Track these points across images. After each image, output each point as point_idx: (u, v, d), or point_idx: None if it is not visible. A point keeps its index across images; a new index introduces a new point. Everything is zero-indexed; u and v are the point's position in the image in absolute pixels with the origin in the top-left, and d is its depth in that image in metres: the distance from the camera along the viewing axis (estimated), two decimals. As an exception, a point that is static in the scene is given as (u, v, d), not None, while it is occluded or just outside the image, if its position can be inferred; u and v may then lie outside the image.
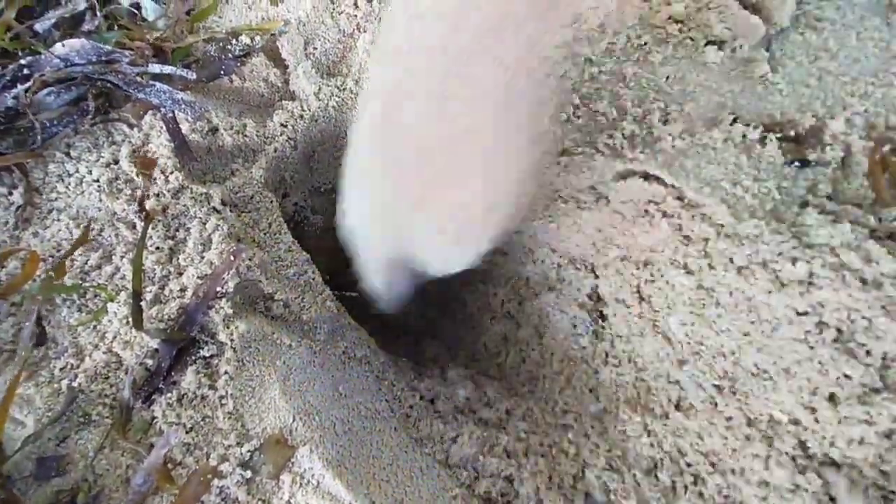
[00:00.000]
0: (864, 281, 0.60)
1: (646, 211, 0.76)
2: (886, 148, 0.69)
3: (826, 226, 0.64)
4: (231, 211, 0.81)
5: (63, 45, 0.82)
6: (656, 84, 0.80)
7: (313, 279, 0.83)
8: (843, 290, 0.60)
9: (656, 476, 0.68)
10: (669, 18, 0.82)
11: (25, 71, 0.81)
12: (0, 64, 0.83)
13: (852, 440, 0.59)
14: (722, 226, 0.70)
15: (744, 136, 0.75)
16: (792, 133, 0.75)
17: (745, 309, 0.67)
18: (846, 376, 0.60)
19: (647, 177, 0.75)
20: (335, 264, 0.91)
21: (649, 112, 0.78)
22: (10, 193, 0.78)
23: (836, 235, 0.63)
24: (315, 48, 0.94)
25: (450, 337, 1.08)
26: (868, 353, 0.59)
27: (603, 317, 0.81)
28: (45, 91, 0.80)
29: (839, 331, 0.61)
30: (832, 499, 0.60)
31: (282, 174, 0.94)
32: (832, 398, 0.60)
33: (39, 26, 0.91)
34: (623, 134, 0.77)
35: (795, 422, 0.62)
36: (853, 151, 0.72)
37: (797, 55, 0.81)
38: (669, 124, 0.77)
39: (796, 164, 0.72)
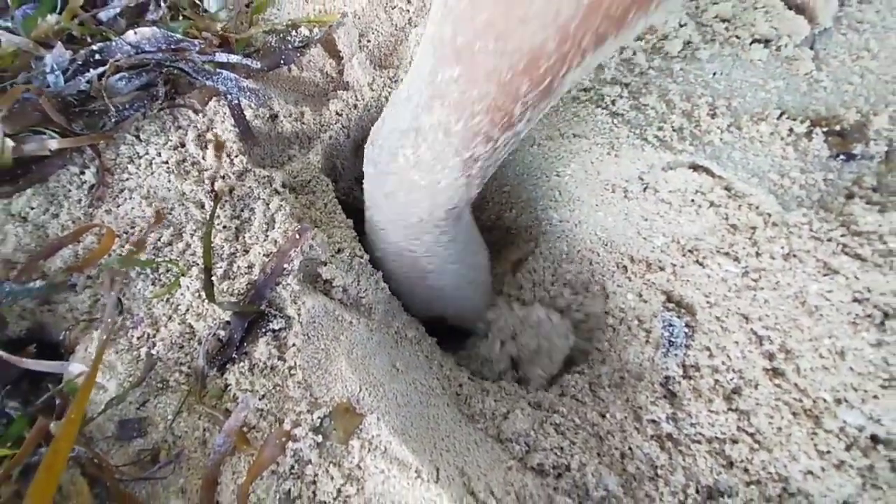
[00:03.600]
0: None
1: (692, 200, 0.79)
2: (930, 143, 0.72)
3: (873, 214, 0.67)
4: (291, 192, 0.84)
5: (135, 33, 0.85)
6: (704, 80, 0.83)
7: (363, 261, 0.87)
8: (891, 274, 0.63)
9: (711, 454, 0.71)
10: (716, 17, 0.86)
11: (97, 56, 0.85)
12: (70, 49, 0.87)
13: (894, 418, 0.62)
14: (769, 215, 0.73)
15: (791, 130, 0.77)
16: (837, 128, 0.78)
17: (791, 294, 0.70)
18: (893, 358, 0.63)
19: (695, 167, 0.78)
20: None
21: (697, 106, 0.81)
22: (83, 173, 0.81)
23: (883, 224, 0.65)
24: (369, 41, 0.98)
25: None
26: (914, 334, 0.62)
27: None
28: (118, 76, 0.84)
29: (886, 314, 0.64)
30: (875, 476, 0.63)
31: (334, 161, 0.97)
32: (878, 379, 0.62)
33: (104, 14, 0.95)
34: (672, 126, 0.80)
35: (840, 401, 0.65)
36: (897, 146, 0.75)
37: (840, 54, 0.84)
38: (717, 118, 0.80)
39: (842, 157, 0.75)
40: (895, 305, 0.63)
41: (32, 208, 0.78)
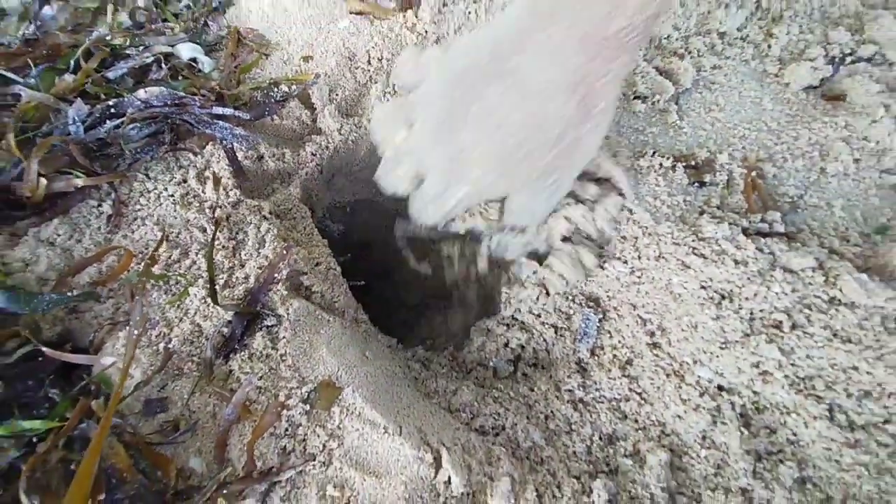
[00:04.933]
0: (736, 261, 0.88)
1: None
2: (754, 174, 0.99)
3: (713, 225, 0.92)
4: (277, 218, 1.03)
5: (145, 91, 1.04)
6: (598, 127, 1.08)
7: (336, 273, 1.06)
8: (723, 268, 0.88)
9: (611, 410, 0.92)
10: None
11: (112, 110, 1.03)
12: (87, 104, 1.04)
13: (735, 371, 0.86)
14: (647, 227, 0.98)
15: (661, 165, 1.03)
16: (693, 163, 1.04)
17: (662, 286, 0.94)
18: (730, 327, 0.87)
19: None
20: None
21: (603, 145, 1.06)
22: (100, 205, 0.98)
23: (718, 232, 0.91)
24: (337, 95, 1.19)
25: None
26: (741, 308, 0.86)
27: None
28: (130, 126, 1.02)
29: (722, 296, 0.88)
30: (721, 415, 0.86)
31: (310, 192, 1.17)
32: (718, 343, 0.86)
33: (111, 74, 1.13)
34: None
35: (696, 361, 0.88)
36: (734, 176, 1.01)
37: (697, 108, 1.12)
38: (616, 156, 1.05)
39: (696, 184, 1.01)
40: (727, 290, 0.88)
41: (59, 235, 0.94)
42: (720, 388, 0.87)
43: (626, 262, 0.99)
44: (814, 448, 0.80)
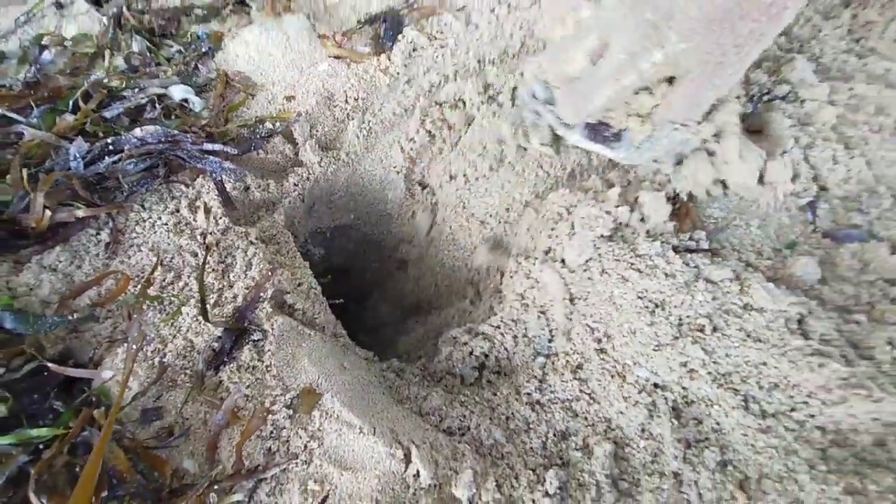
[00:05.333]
0: (666, 274, 1.01)
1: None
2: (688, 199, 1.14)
3: (647, 243, 1.06)
4: (263, 243, 1.14)
5: (141, 130, 1.14)
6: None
7: (317, 292, 1.17)
8: (656, 280, 1.01)
9: (564, 409, 1.04)
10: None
11: (111, 147, 1.13)
12: (87, 141, 1.14)
13: (667, 370, 0.98)
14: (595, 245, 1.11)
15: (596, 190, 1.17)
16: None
17: (606, 298, 1.07)
18: (662, 332, 1.00)
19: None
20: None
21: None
22: (98, 233, 1.08)
23: (651, 249, 1.04)
24: (317, 131, 1.32)
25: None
26: (670, 315, 0.99)
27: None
28: (127, 161, 1.12)
29: (656, 305, 1.01)
30: (657, 409, 0.98)
31: (292, 220, 1.28)
32: (652, 346, 0.99)
33: (109, 113, 1.24)
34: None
35: (635, 363, 1.01)
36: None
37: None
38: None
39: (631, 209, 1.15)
40: (660, 299, 1.01)
41: (60, 261, 1.03)
42: (655, 385, 0.99)
43: (572, 271, 1.11)
44: (733, 435, 0.92)
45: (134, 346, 0.90)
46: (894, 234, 1.09)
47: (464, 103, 1.33)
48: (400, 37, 1.40)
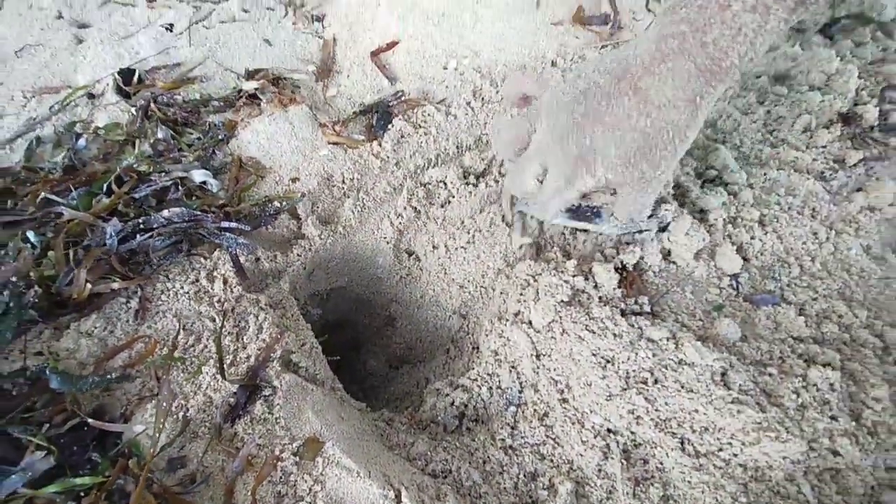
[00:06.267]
0: (614, 335, 1.21)
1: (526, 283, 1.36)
2: (636, 271, 1.35)
3: (600, 308, 1.26)
4: (271, 308, 1.31)
5: (168, 211, 1.33)
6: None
7: (318, 351, 1.33)
8: (606, 340, 1.21)
9: (532, 453, 1.20)
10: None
11: (141, 226, 1.31)
12: (121, 221, 1.32)
13: (618, 417, 1.16)
14: (557, 310, 1.31)
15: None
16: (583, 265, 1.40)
17: (566, 354, 1.25)
18: (613, 384, 1.18)
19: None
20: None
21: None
22: (128, 301, 1.24)
23: (604, 312, 1.24)
24: (318, 208, 1.52)
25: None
26: (619, 369, 1.18)
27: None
28: (156, 238, 1.30)
29: (607, 360, 1.20)
30: (611, 451, 1.15)
31: (295, 286, 1.46)
32: (604, 395, 1.17)
33: (138, 195, 1.42)
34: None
35: (592, 411, 1.18)
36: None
37: (591, 217, 1.50)
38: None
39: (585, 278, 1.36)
40: (610, 356, 1.20)
41: (96, 328, 1.19)
42: (608, 430, 1.17)
43: (537, 330, 1.30)
44: (673, 472, 1.10)
45: (165, 404, 1.05)
46: (801, 298, 1.32)
47: (444, 184, 1.55)
48: (389, 126, 1.63)
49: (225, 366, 1.16)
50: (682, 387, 1.14)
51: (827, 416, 1.09)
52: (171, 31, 1.94)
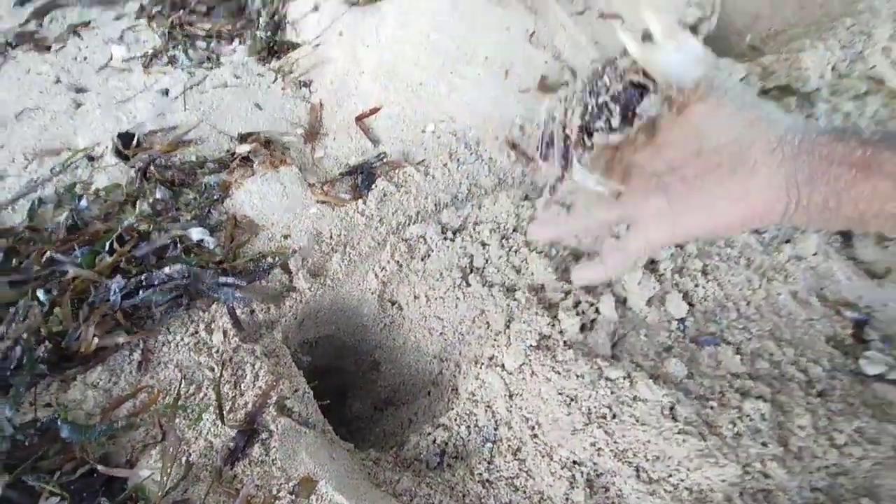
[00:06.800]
0: (577, 375, 1.36)
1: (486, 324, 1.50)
2: (590, 314, 1.52)
3: (564, 352, 1.42)
4: (266, 357, 1.42)
5: (169, 268, 1.45)
6: (491, 283, 1.61)
7: (310, 396, 1.44)
8: (570, 380, 1.36)
9: (507, 485, 1.32)
10: (495, 250, 1.67)
11: (143, 283, 1.42)
12: (124, 278, 1.43)
13: (581, 449, 1.30)
14: (527, 354, 1.46)
15: (537, 313, 1.55)
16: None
17: (536, 394, 1.40)
18: (576, 419, 1.33)
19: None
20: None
21: (489, 297, 1.57)
22: (132, 353, 1.34)
23: (567, 356, 1.40)
24: (308, 262, 1.66)
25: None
26: (582, 406, 1.33)
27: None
28: (158, 293, 1.41)
29: (571, 398, 1.35)
30: (577, 482, 1.28)
31: (287, 335, 1.57)
32: (569, 430, 1.32)
33: (138, 252, 1.54)
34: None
35: (559, 445, 1.32)
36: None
37: (555, 268, 1.68)
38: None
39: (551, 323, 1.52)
40: (573, 394, 1.35)
41: (101, 379, 1.28)
42: (574, 462, 1.31)
43: (510, 372, 1.45)
44: (630, 498, 1.24)
45: (171, 449, 1.15)
46: (738, 339, 1.50)
47: (424, 239, 1.71)
48: (373, 185, 1.80)
49: (224, 412, 1.26)
50: (637, 420, 1.29)
51: (759, 442, 1.25)
52: (166, 95, 2.09)
